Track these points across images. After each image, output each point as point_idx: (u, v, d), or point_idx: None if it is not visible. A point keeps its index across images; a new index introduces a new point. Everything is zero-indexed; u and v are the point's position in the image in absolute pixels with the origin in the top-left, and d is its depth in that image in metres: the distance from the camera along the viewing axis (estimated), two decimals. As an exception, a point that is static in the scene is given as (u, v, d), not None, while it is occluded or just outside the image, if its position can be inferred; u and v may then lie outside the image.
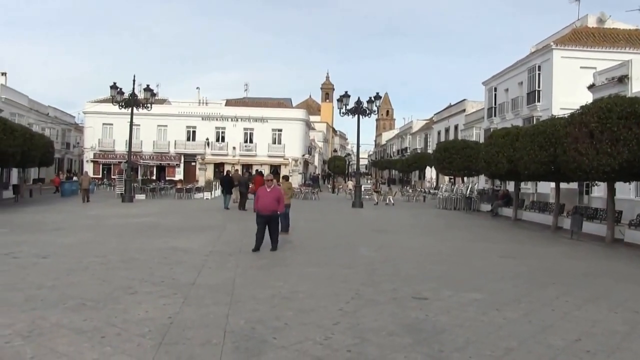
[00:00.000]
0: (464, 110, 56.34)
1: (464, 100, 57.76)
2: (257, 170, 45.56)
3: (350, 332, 6.90)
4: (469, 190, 35.04)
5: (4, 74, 56.10)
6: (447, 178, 47.02)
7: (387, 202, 38.22)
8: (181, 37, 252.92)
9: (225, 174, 36.17)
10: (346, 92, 33.85)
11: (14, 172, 41.41)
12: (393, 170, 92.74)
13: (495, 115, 45.60)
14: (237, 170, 49.81)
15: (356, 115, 33.77)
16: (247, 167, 59.81)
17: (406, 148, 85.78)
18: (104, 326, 6.86)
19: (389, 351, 6.20)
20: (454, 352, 6.23)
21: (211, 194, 40.37)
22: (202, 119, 63.08)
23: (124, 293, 8.69)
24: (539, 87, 37.45)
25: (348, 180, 65.20)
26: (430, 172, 65.26)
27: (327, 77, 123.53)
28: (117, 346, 6.13)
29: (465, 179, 40.16)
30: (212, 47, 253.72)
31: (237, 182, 29.76)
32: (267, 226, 13.66)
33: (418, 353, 6.16)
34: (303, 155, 65.03)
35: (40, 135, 40.48)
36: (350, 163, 76.46)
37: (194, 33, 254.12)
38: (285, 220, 16.74)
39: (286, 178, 21.48)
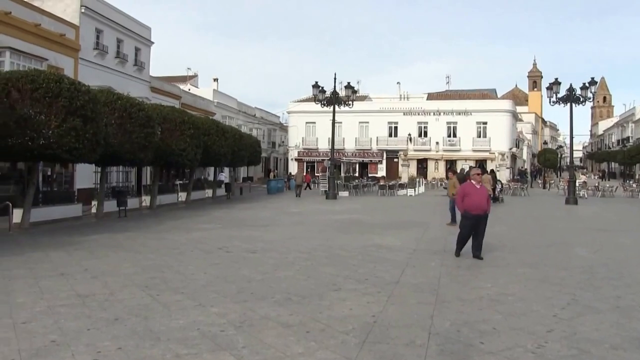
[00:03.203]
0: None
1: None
2: (470, 166, 44.38)
3: (566, 341, 6.30)
4: None
5: (215, 79, 61.50)
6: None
7: (581, 195, 35.43)
8: (381, 31, 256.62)
9: (459, 171, 35.53)
10: (556, 79, 31.66)
11: (226, 171, 44.79)
12: (612, 163, 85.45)
13: None
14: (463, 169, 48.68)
15: (568, 104, 31.49)
16: (450, 162, 58.78)
17: (628, 137, 78.36)
18: (309, 321, 7.01)
19: (612, 367, 5.54)
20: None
21: (415, 190, 40.25)
22: (404, 114, 62.97)
23: (328, 289, 8.84)
24: None
25: (560, 174, 61.43)
26: (658, 164, 59.00)
27: (534, 64, 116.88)
28: (322, 342, 6.20)
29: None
30: (412, 40, 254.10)
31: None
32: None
33: (650, 372, 5.43)
34: (510, 149, 62.30)
35: (248, 135, 43.47)
36: (563, 156, 72.04)
37: (394, 26, 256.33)
38: (453, 211, 18.06)
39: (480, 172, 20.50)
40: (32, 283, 9.32)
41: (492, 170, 30.31)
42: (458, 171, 33.54)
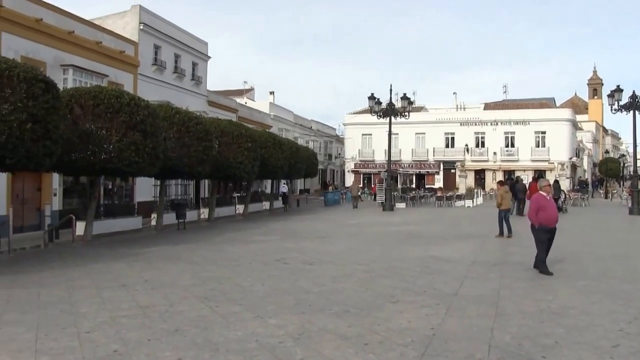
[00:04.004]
0: None
1: None
2: (534, 177, 43.31)
3: (634, 357, 6.06)
4: None
5: (272, 92, 62.31)
6: None
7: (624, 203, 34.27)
8: (437, 41, 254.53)
9: (515, 180, 34.83)
10: (618, 86, 30.78)
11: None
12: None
13: None
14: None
15: (631, 111, 30.50)
16: (508, 172, 57.66)
17: (695, 145, 75.36)
18: (367, 333, 6.96)
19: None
20: None
21: (473, 201, 39.69)
22: (460, 124, 62.27)
23: (386, 301, 8.78)
24: None
25: (623, 184, 59.47)
26: None
27: (594, 71, 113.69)
28: (380, 354, 6.15)
29: None
30: (469, 50, 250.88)
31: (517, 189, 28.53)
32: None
33: None
34: (570, 159, 60.71)
35: (305, 148, 43.73)
36: (626, 165, 69.84)
37: (449, 35, 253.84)
38: (502, 223, 18.28)
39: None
40: (95, 293, 9.59)
41: (556, 181, 29.65)
42: (519, 181, 32.85)
